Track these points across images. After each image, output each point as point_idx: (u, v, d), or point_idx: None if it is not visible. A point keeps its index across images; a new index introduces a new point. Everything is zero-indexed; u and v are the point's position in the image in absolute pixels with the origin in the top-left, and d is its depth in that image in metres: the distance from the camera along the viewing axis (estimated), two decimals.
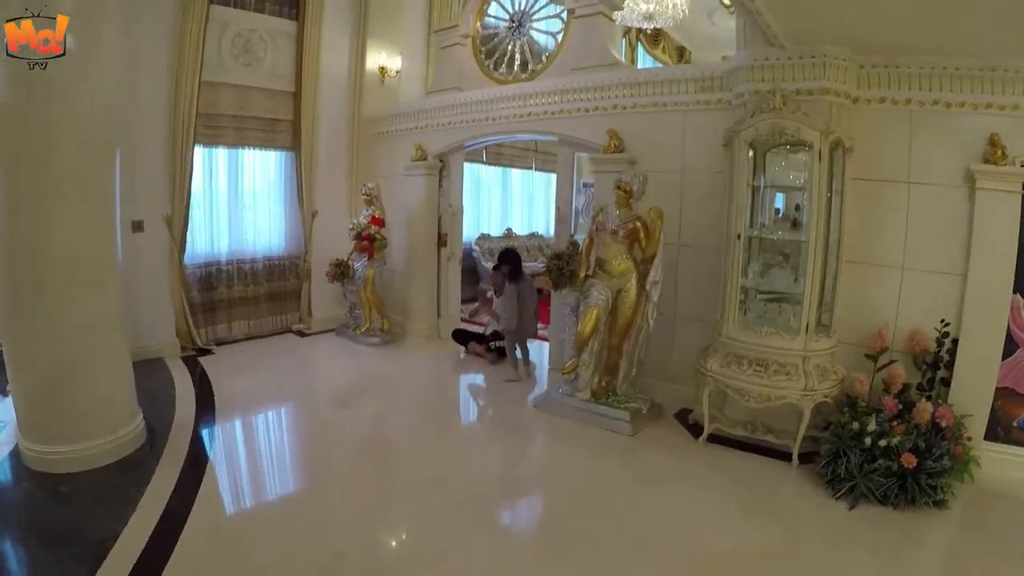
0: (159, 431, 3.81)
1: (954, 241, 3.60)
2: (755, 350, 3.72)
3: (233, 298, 6.02)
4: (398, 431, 4.23)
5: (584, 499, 3.27)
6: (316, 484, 3.46)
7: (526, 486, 3.52)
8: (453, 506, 3.14)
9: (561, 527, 3.02)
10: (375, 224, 5.91)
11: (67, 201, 3.17)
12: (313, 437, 4.12)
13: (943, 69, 3.53)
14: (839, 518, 3.13)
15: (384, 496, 3.32)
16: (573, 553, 2.78)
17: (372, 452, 3.89)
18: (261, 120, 5.91)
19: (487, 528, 3.03)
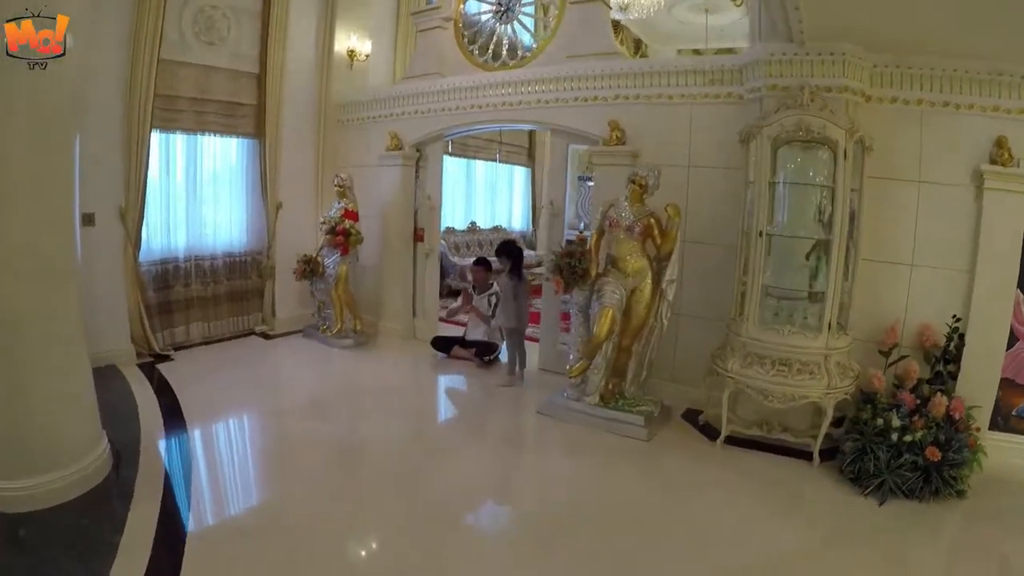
0: (125, 454, 3.34)
1: (962, 239, 3.69)
2: (778, 350, 3.67)
3: (191, 298, 5.52)
4: (393, 447, 3.83)
5: (614, 514, 3.10)
6: (316, 512, 3.00)
7: (550, 506, 3.21)
8: (474, 537, 2.92)
9: (599, 549, 2.80)
10: (348, 218, 5.55)
11: (15, 193, 2.71)
12: (299, 457, 3.66)
13: (952, 71, 3.61)
14: (872, 515, 3.14)
15: (389, 526, 2.98)
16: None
17: (367, 472, 3.54)
18: (223, 104, 5.42)
19: (517, 559, 2.74)
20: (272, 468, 3.57)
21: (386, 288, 6.07)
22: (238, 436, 4.03)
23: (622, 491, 3.37)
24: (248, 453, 3.76)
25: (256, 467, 3.56)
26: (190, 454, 3.56)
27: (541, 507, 3.20)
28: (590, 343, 3.99)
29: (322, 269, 5.75)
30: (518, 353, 4.99)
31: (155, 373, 4.79)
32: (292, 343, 5.85)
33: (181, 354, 5.28)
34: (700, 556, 2.78)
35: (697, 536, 2.94)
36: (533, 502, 3.27)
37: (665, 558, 2.75)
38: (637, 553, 2.78)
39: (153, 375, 4.75)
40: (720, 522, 3.07)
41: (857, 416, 3.61)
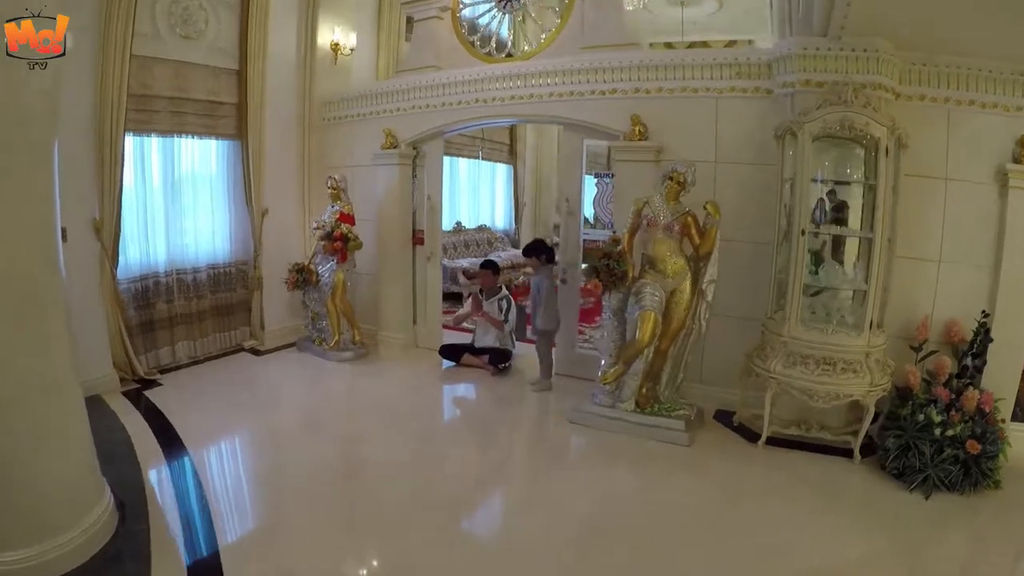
0: (130, 503, 2.97)
1: (987, 236, 3.81)
2: (821, 349, 3.69)
3: (175, 315, 5.14)
4: (423, 472, 3.63)
5: (676, 525, 3.06)
6: (369, 552, 2.85)
7: (608, 521, 3.12)
8: (537, 559, 2.77)
9: (670, 561, 2.76)
10: (344, 221, 5.29)
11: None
12: (327, 492, 3.36)
13: (978, 71, 3.72)
14: (922, 510, 3.21)
15: (445, 560, 2.76)
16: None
17: (404, 502, 3.24)
18: (201, 103, 5.04)
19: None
20: (302, 508, 3.17)
21: (384, 295, 5.83)
22: (250, 470, 3.74)
23: (678, 500, 3.33)
24: (267, 490, 3.40)
25: (281, 506, 3.20)
26: (203, 495, 3.21)
27: (598, 522, 3.11)
28: (630, 348, 3.90)
29: (316, 278, 5.47)
30: (548, 356, 4.86)
31: (144, 401, 4.44)
32: (286, 358, 5.56)
33: (168, 377, 4.93)
34: (771, 563, 2.76)
35: (764, 542, 2.92)
36: (589, 518, 3.15)
37: (738, 567, 2.73)
38: (708, 564, 2.75)
39: (142, 403, 4.40)
40: (782, 526, 3.07)
41: (896, 412, 3.66)
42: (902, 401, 3.69)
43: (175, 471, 3.46)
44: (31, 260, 2.46)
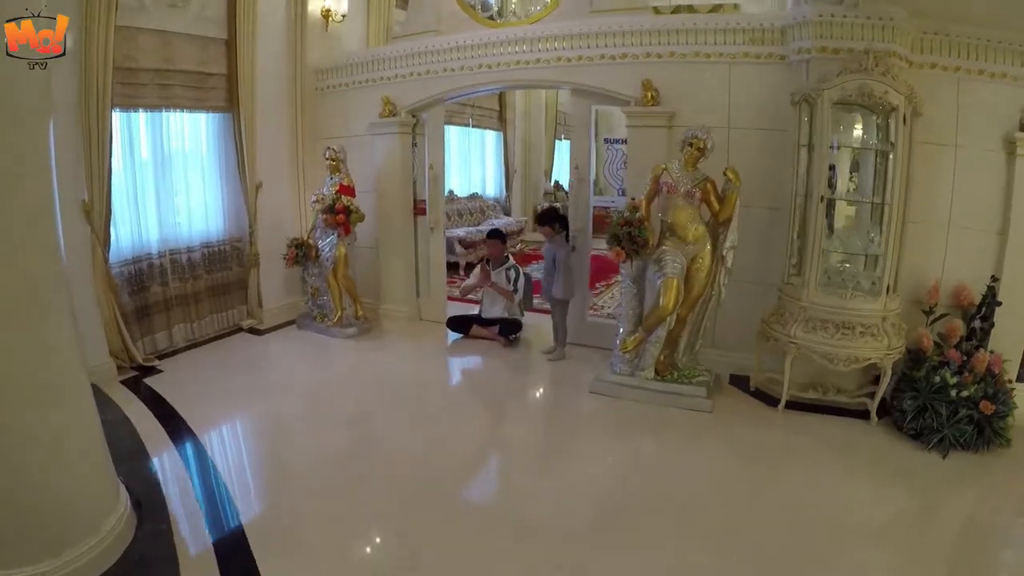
0: (146, 503, 2.85)
1: (995, 201, 3.92)
2: (840, 314, 3.79)
3: (170, 298, 4.99)
4: (452, 450, 3.59)
5: (709, 495, 3.11)
6: (428, 547, 2.70)
7: (647, 490, 3.14)
8: (589, 534, 2.80)
9: (705, 533, 2.81)
10: (344, 193, 5.16)
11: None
12: (359, 473, 3.30)
13: (987, 41, 3.80)
14: (942, 469, 3.38)
15: (485, 540, 2.75)
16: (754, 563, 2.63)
17: (433, 476, 3.26)
18: (190, 75, 4.79)
19: (644, 545, 2.70)
20: (334, 495, 3.07)
21: (386, 268, 5.76)
22: (266, 456, 3.61)
23: (707, 467, 3.41)
24: (296, 480, 3.26)
25: (303, 490, 3.12)
26: (220, 484, 3.12)
27: (631, 491, 3.17)
28: (653, 316, 3.95)
29: (316, 252, 5.36)
30: (563, 324, 4.88)
31: (144, 389, 4.31)
32: (288, 337, 5.48)
33: (167, 363, 4.81)
34: (804, 525, 2.86)
35: (794, 504, 3.03)
36: (628, 490, 3.20)
37: (771, 529, 2.82)
38: (743, 528, 2.83)
39: (143, 392, 4.27)
40: (811, 490, 3.18)
41: (909, 374, 3.79)
42: (915, 363, 3.82)
43: (188, 461, 3.36)
44: (31, 253, 2.26)
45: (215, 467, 3.31)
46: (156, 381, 4.46)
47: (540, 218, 4.89)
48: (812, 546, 2.71)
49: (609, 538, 2.74)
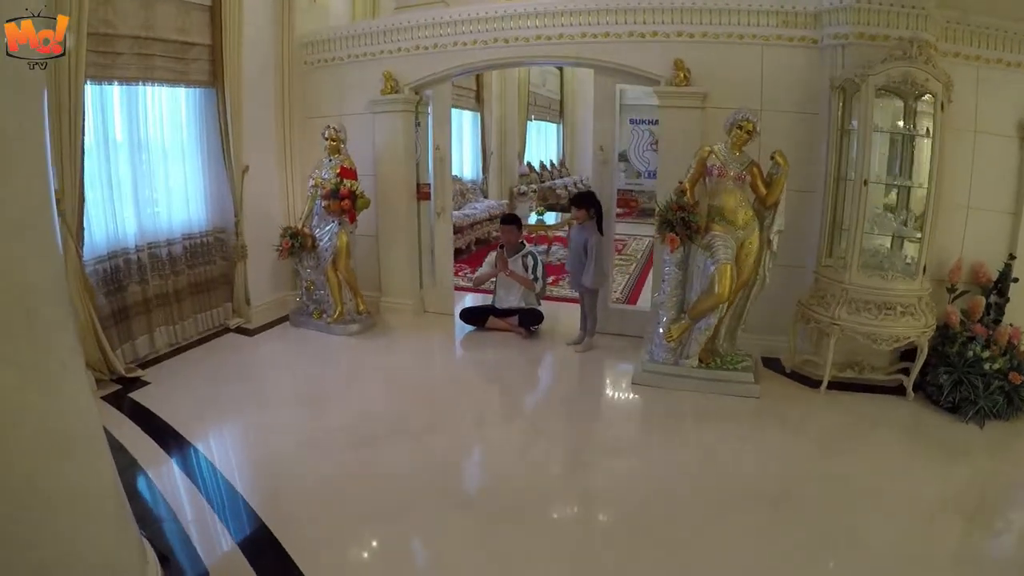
0: (172, 558, 2.48)
1: (1008, 184, 4.26)
2: (881, 295, 3.97)
3: (150, 298, 4.51)
4: (499, 452, 3.48)
5: (804, 487, 3.14)
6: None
7: (717, 486, 3.14)
8: (688, 533, 2.81)
9: (797, 522, 2.87)
10: (346, 176, 4.84)
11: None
12: (409, 494, 2.98)
13: (1004, 31, 4.10)
14: (983, 438, 3.64)
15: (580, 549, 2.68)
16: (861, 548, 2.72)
17: (498, 492, 3.09)
18: (171, 44, 4.30)
19: (753, 537, 2.73)
20: (389, 521, 2.80)
21: (387, 258, 5.49)
22: (295, 477, 3.13)
23: (775, 453, 3.48)
24: (348, 505, 2.92)
25: (374, 525, 2.81)
26: (252, 516, 2.78)
27: (726, 487, 3.16)
28: (705, 302, 3.97)
29: (313, 242, 5.01)
30: (593, 314, 4.83)
31: (133, 407, 3.84)
32: (283, 336, 5.11)
33: (153, 372, 4.34)
34: (883, 505, 2.98)
35: (867, 486, 3.14)
36: (714, 483, 3.18)
37: (857, 512, 2.92)
38: (849, 516, 2.90)
39: (132, 410, 3.80)
40: (890, 470, 3.33)
41: (940, 350, 4.05)
42: (944, 339, 4.08)
43: (207, 493, 2.95)
44: (27, 262, 1.76)
45: (245, 504, 2.87)
46: (144, 396, 3.99)
47: (576, 200, 4.76)
48: (912, 528, 2.84)
49: (722, 533, 2.74)
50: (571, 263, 4.84)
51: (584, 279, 4.68)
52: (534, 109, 11.04)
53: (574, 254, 4.77)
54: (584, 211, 4.63)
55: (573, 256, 4.79)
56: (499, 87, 10.13)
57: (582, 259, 4.68)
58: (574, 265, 4.78)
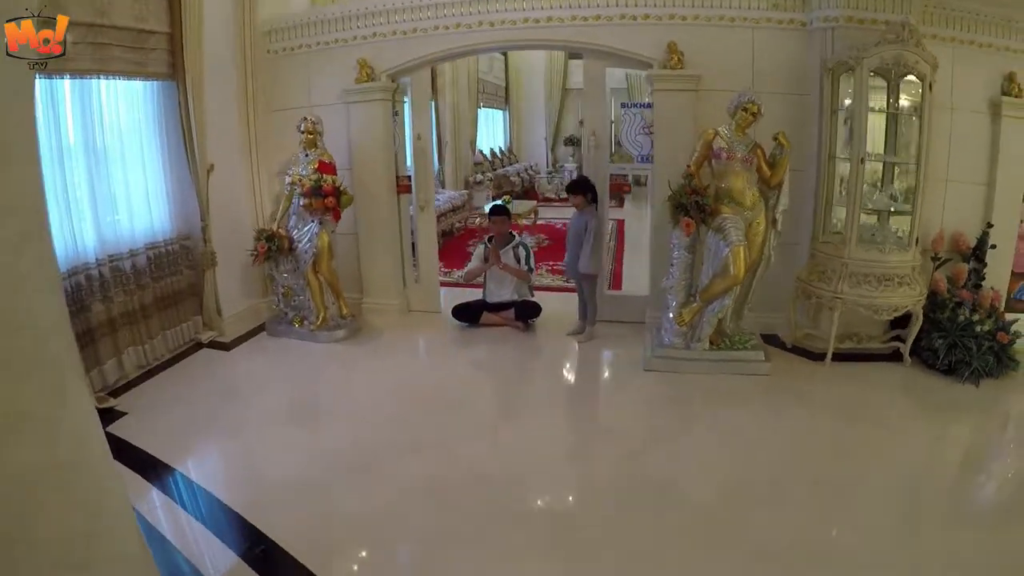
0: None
1: (982, 157, 4.61)
2: (880, 267, 4.21)
3: (114, 317, 4.11)
4: (521, 455, 3.37)
5: (844, 462, 3.27)
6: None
7: (753, 468, 3.21)
8: (749, 513, 2.90)
9: (846, 497, 3.00)
10: (325, 171, 4.59)
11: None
12: (448, 517, 2.82)
13: (975, 14, 4.43)
14: (980, 396, 3.95)
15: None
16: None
17: (548, 502, 3.06)
18: (127, 32, 3.90)
19: (814, 522, 2.85)
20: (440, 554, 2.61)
21: (369, 256, 5.28)
22: (313, 514, 2.84)
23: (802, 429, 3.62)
24: (376, 532, 2.74)
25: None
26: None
27: (743, 468, 3.22)
28: (719, 285, 4.05)
29: (290, 245, 4.73)
30: (593, 301, 4.83)
31: (113, 442, 3.17)
32: (261, 348, 4.82)
33: (126, 401, 3.96)
34: (921, 472, 3.22)
35: (901, 458, 3.34)
36: (762, 466, 3.24)
37: (934, 480, 3.16)
38: (876, 483, 3.09)
39: (113, 446, 3.28)
40: (917, 435, 3.60)
41: (935, 316, 4.33)
42: (933, 306, 4.37)
43: (205, 522, 2.76)
44: (28, 290, 1.58)
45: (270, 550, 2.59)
46: (122, 429, 3.61)
47: (573, 187, 4.74)
48: (964, 479, 3.13)
49: (787, 518, 2.80)
50: (570, 251, 4.82)
51: (581, 264, 4.66)
52: (482, 96, 10.94)
53: (573, 241, 4.75)
54: (581, 196, 4.62)
55: (572, 243, 4.77)
56: (451, 74, 9.96)
57: (579, 246, 4.66)
58: (572, 252, 4.76)
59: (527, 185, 13.43)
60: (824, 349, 4.44)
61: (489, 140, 13.03)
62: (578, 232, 4.69)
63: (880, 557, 2.51)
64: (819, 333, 4.55)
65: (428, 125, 5.25)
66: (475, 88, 10.58)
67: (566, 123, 15.06)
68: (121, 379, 4.16)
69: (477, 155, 10.79)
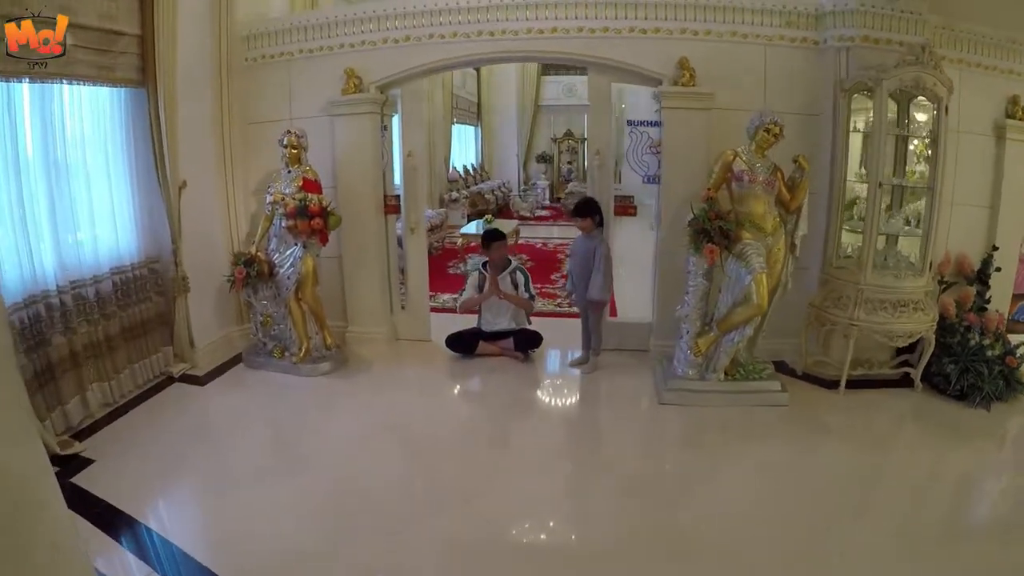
0: None
1: (986, 179, 4.69)
2: (895, 293, 4.19)
3: (77, 350, 3.74)
4: (543, 503, 3.17)
5: (888, 495, 3.28)
6: None
7: (788, 504, 3.12)
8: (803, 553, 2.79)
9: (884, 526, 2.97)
10: (310, 190, 4.32)
11: None
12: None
13: (981, 37, 4.51)
14: (993, 420, 4.00)
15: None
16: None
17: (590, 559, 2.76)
18: (93, 33, 3.56)
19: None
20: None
21: (355, 282, 5.00)
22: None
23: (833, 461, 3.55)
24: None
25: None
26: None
27: (776, 504, 3.13)
28: (741, 314, 3.96)
29: (271, 269, 4.43)
30: (599, 330, 4.66)
31: (79, 496, 3.02)
32: (240, 383, 4.47)
33: (92, 445, 3.56)
34: (949, 497, 3.31)
35: (951, 474, 3.49)
36: (763, 501, 3.15)
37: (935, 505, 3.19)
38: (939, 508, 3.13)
39: (80, 500, 2.98)
40: (944, 460, 3.64)
41: (945, 341, 4.35)
42: (942, 330, 4.37)
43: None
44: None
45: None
46: (89, 480, 3.21)
47: (580, 209, 4.50)
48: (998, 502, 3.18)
49: (855, 549, 2.71)
50: (575, 277, 4.64)
51: (591, 291, 4.48)
52: (456, 112, 10.77)
53: (580, 266, 4.56)
54: (590, 220, 4.44)
55: (579, 268, 4.58)
56: (427, 88, 9.67)
57: (587, 272, 4.50)
58: (579, 278, 4.58)
59: (501, 203, 13.37)
60: (835, 376, 4.42)
61: (462, 157, 12.93)
62: (586, 257, 4.50)
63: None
64: (830, 360, 4.52)
65: (421, 141, 5.00)
66: (450, 103, 10.40)
67: (538, 140, 15.07)
68: (86, 419, 3.79)
69: (452, 172, 10.59)
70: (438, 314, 5.59)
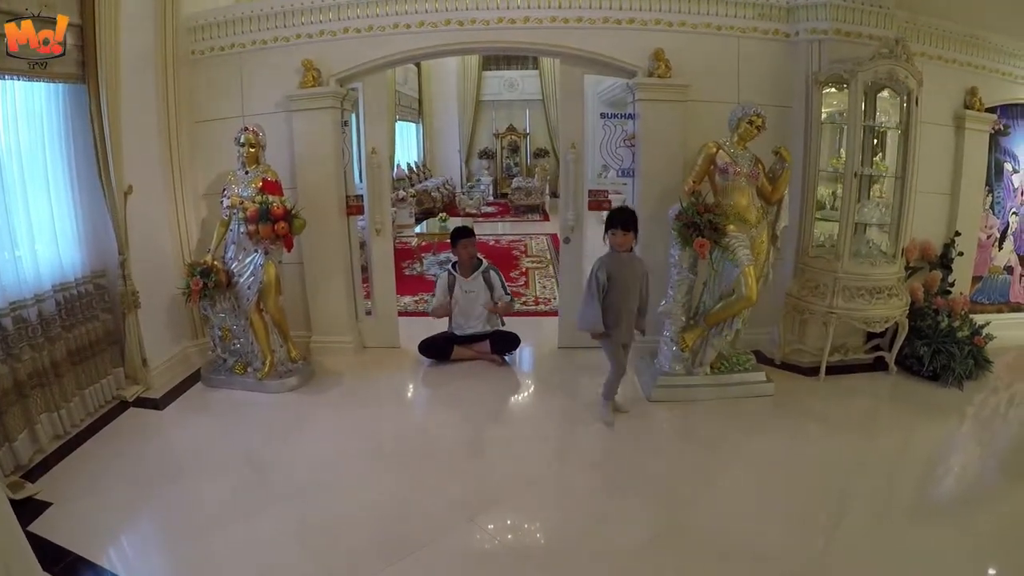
0: None
1: (946, 168, 5.09)
2: (870, 280, 4.50)
3: (22, 380, 3.50)
4: (555, 513, 3.20)
5: (893, 479, 3.48)
6: None
7: (794, 495, 3.26)
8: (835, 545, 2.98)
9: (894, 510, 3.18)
10: (270, 191, 4.20)
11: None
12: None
13: (941, 31, 4.88)
14: (966, 398, 4.42)
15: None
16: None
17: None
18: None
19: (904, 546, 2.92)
20: None
21: (317, 289, 4.89)
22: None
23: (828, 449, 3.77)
24: None
25: None
26: None
27: (783, 497, 3.26)
28: (731, 308, 4.10)
29: (229, 279, 4.29)
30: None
31: (38, 546, 2.65)
32: (201, 404, 4.29)
33: (47, 486, 3.32)
34: (945, 474, 3.63)
35: (941, 450, 3.89)
36: (767, 492, 3.31)
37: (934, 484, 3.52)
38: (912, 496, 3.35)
39: (39, 552, 2.55)
40: (931, 438, 4.02)
41: (916, 324, 4.69)
42: (911, 314, 4.71)
43: None
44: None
45: None
46: (47, 527, 2.98)
47: (619, 220, 3.81)
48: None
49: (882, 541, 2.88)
50: (618, 308, 3.81)
51: (639, 322, 3.99)
52: (398, 109, 10.66)
53: (622, 294, 3.80)
54: (632, 234, 3.84)
55: (619, 296, 3.80)
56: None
57: (637, 299, 3.88)
58: (626, 310, 3.84)
59: (447, 200, 13.31)
60: (812, 363, 4.73)
61: (405, 155, 12.86)
62: (631, 283, 3.81)
63: None
64: (806, 347, 4.79)
65: (385, 138, 4.93)
66: (393, 100, 10.28)
67: (480, 136, 15.07)
68: (37, 454, 3.56)
69: (398, 170, 10.46)
70: (402, 318, 5.53)
